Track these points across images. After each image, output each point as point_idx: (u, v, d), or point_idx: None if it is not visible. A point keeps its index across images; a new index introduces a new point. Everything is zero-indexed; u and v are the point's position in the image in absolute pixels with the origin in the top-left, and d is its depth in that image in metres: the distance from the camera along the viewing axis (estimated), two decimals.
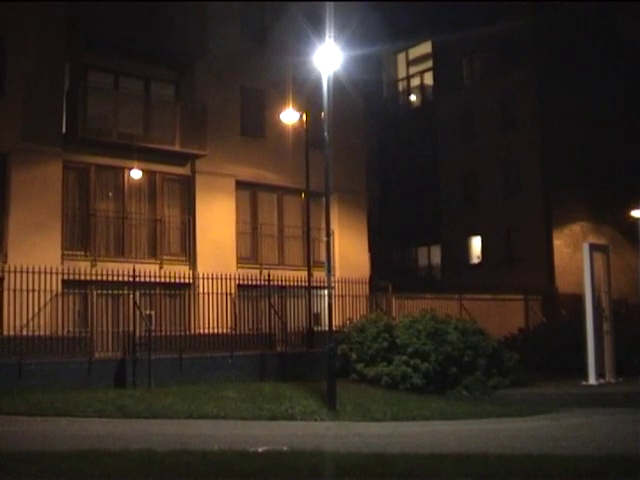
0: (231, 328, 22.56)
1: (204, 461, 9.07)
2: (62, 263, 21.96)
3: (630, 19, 36.14)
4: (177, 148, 25.02)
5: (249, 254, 26.72)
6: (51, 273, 19.88)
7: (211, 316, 22.22)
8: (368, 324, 21.38)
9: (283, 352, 21.70)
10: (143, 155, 24.27)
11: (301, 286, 23.69)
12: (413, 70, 42.81)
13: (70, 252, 22.83)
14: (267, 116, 27.55)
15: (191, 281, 23.73)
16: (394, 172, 41.53)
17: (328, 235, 17.31)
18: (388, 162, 41.73)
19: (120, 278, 20.58)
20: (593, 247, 21.01)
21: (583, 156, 35.05)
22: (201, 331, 22.43)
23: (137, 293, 20.68)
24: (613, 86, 36.42)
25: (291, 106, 25.44)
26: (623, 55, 36.54)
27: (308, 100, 24.99)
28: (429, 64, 41.60)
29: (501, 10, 35.90)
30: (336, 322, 20.54)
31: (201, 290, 22.53)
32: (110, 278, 20.72)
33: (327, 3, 16.45)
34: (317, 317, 24.20)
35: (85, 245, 23.42)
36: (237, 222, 26.36)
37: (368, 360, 20.51)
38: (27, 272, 19.30)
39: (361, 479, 8.53)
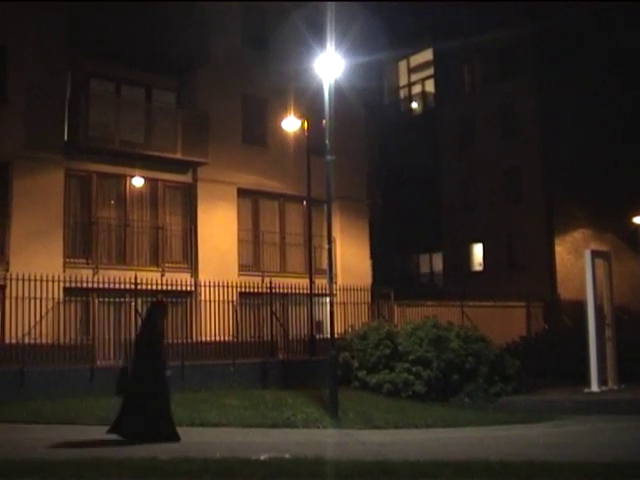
0: (233, 336, 22.56)
1: (206, 468, 9.05)
2: (64, 271, 21.97)
3: (630, 25, 36.15)
4: (179, 156, 25.04)
5: (251, 262, 26.73)
6: (53, 281, 19.88)
7: (213, 324, 22.21)
8: (370, 331, 21.36)
9: (285, 360, 21.69)
10: (145, 163, 24.32)
11: (303, 294, 23.71)
12: (414, 77, 42.87)
13: (72, 260, 22.84)
14: (269, 124, 27.60)
15: (193, 289, 23.73)
16: (395, 179, 41.52)
17: (330, 242, 17.31)
18: (389, 169, 41.72)
19: (122, 286, 20.58)
20: (595, 254, 21.00)
21: (584, 162, 35.04)
22: (203, 339, 22.43)
23: (139, 301, 20.66)
24: (614, 92, 36.41)
25: (292, 114, 25.49)
26: (624, 61, 36.52)
27: (309, 108, 25.00)
28: (430, 71, 41.67)
29: (502, 17, 35.95)
30: (338, 329, 20.51)
31: (203, 298, 22.53)
32: (112, 286, 20.72)
33: (328, 11, 16.49)
34: (319, 324, 24.19)
35: (87, 253, 23.44)
36: (239, 230, 26.38)
37: (370, 367, 20.49)
38: (29, 280, 19.30)
39: None
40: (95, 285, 21.07)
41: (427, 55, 41.66)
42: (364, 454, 10.57)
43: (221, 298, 22.23)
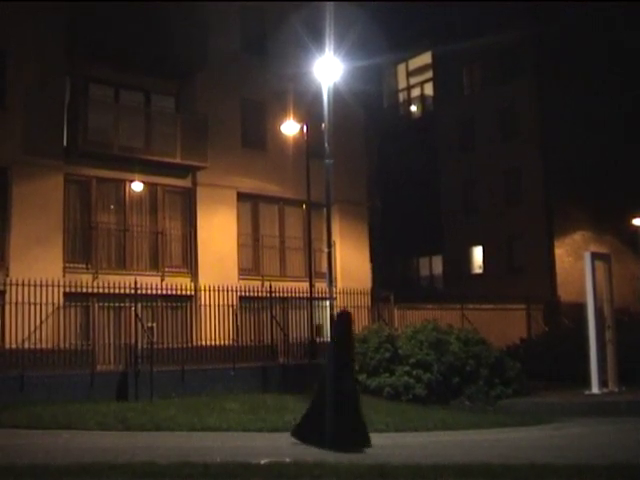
0: (233, 340, 22.56)
1: (206, 473, 9.03)
2: (64, 276, 21.97)
3: (630, 25, 36.17)
4: (178, 160, 25.05)
5: (251, 266, 26.73)
6: (53, 286, 19.90)
7: (213, 328, 22.22)
8: (370, 335, 21.35)
9: (285, 363, 21.67)
10: (144, 167, 24.33)
11: (303, 297, 23.69)
12: (413, 81, 42.93)
13: (72, 265, 22.84)
14: (268, 127, 27.61)
15: (193, 293, 23.72)
16: (395, 182, 41.56)
17: (329, 246, 17.27)
18: (389, 172, 41.78)
19: (122, 290, 20.59)
20: (595, 256, 20.97)
21: (584, 164, 35.06)
22: (203, 343, 22.42)
23: (139, 305, 20.67)
24: (614, 94, 36.46)
25: (292, 117, 25.51)
26: (624, 63, 36.57)
27: (308, 111, 25.04)
28: (429, 74, 41.73)
29: (501, 19, 35.99)
30: None
31: (203, 302, 22.53)
32: (112, 291, 20.73)
33: (327, 15, 16.50)
34: (319, 328, 24.17)
35: (87, 258, 23.43)
36: (238, 234, 26.38)
37: (370, 371, 20.47)
38: (29, 285, 19.32)
39: None
40: (95, 290, 21.09)
41: (426, 58, 41.72)
42: (364, 457, 10.55)
43: (221, 302, 22.24)
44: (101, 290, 20.97)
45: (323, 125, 16.97)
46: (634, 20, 35.53)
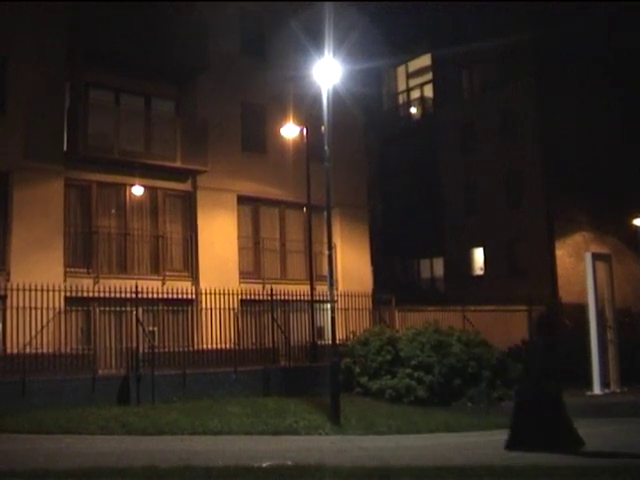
0: (234, 343, 22.52)
1: (208, 477, 9.05)
2: (65, 280, 21.95)
3: (629, 26, 36.18)
4: (178, 164, 25.05)
5: (252, 269, 26.70)
6: (54, 290, 19.88)
7: (214, 331, 22.19)
8: (371, 337, 21.35)
9: (287, 367, 21.67)
10: (144, 172, 24.32)
11: (304, 300, 23.67)
12: (413, 83, 42.90)
13: (73, 269, 22.82)
14: (268, 131, 27.60)
15: (194, 297, 23.71)
16: (395, 185, 41.55)
17: (330, 249, 17.31)
18: (389, 175, 41.77)
19: (123, 295, 20.56)
20: (596, 256, 21.01)
21: (584, 166, 35.03)
22: (204, 347, 22.41)
23: (140, 309, 20.64)
24: (614, 96, 36.46)
25: (291, 120, 25.50)
26: (624, 64, 36.57)
27: (308, 114, 25.04)
28: (429, 76, 41.69)
29: (501, 21, 36.00)
30: (339, 336, 20.51)
31: (204, 306, 22.52)
32: (113, 295, 20.70)
33: (326, 18, 16.53)
34: (320, 331, 24.15)
35: (87, 262, 23.42)
36: (239, 237, 26.35)
37: (372, 373, 20.47)
38: (30, 290, 19.30)
39: None
40: (96, 294, 21.05)
41: (425, 60, 41.69)
42: (366, 460, 10.55)
43: (222, 306, 22.22)
44: (102, 294, 20.93)
45: (323, 128, 17.01)
46: (634, 21, 35.52)
